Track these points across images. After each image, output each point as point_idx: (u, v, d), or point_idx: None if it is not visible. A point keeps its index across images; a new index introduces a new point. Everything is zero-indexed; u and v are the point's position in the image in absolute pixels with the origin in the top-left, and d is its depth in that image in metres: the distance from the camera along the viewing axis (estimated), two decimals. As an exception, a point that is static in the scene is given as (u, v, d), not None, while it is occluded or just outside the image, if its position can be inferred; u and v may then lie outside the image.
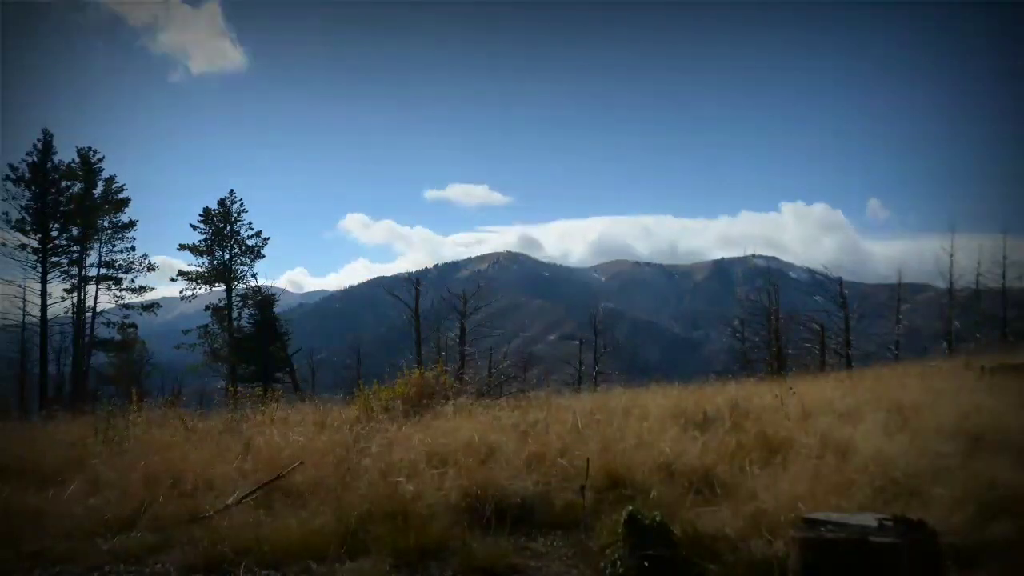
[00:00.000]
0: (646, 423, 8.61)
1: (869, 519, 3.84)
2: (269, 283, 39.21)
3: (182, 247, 38.67)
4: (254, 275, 39.17)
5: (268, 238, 39.40)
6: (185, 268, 38.89)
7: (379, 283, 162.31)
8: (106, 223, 37.33)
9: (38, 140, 35.59)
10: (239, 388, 17.54)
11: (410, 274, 43.42)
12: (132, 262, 37.86)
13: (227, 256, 38.99)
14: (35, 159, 35.17)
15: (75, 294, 36.05)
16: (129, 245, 38.04)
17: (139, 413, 10.74)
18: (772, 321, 35.45)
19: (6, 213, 34.36)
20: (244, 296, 38.75)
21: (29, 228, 34.72)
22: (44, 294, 34.82)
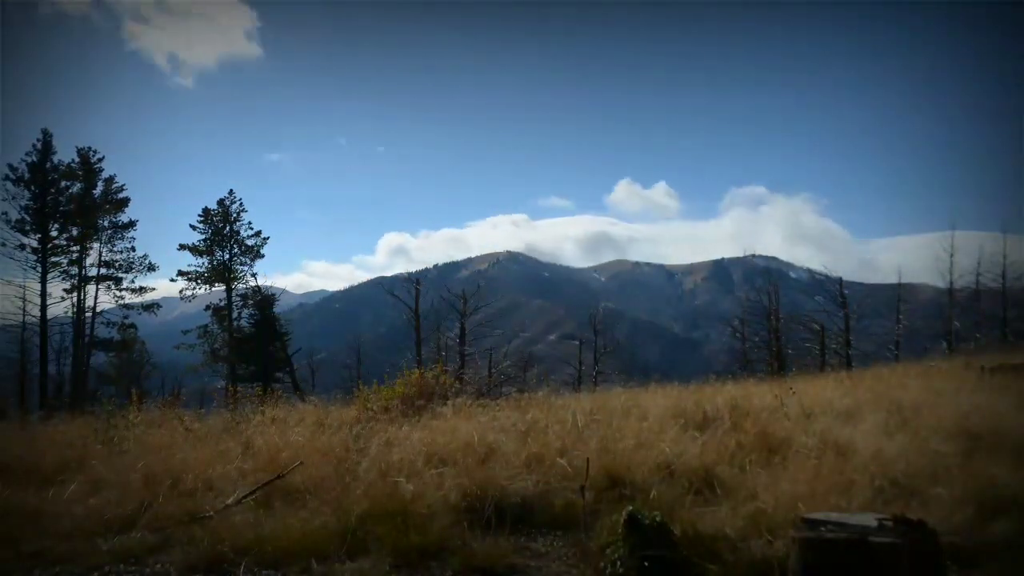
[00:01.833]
0: (646, 423, 8.59)
1: (869, 519, 3.84)
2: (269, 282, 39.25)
3: (182, 247, 38.70)
4: (254, 275, 39.22)
5: (268, 238, 39.44)
6: (185, 268, 38.96)
7: (379, 283, 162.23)
8: (106, 223, 37.33)
9: (38, 140, 35.57)
10: (239, 388, 17.51)
11: (410, 274, 43.44)
12: (132, 262, 37.87)
13: (227, 256, 39.00)
14: (35, 159, 35.12)
15: (75, 294, 36.03)
16: (129, 245, 38.10)
17: (139, 413, 10.73)
18: (772, 321, 35.49)
19: (6, 213, 34.38)
20: (244, 296, 38.73)
21: (29, 228, 34.68)
22: (44, 294, 34.78)
